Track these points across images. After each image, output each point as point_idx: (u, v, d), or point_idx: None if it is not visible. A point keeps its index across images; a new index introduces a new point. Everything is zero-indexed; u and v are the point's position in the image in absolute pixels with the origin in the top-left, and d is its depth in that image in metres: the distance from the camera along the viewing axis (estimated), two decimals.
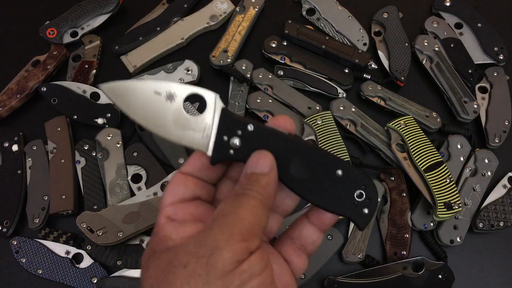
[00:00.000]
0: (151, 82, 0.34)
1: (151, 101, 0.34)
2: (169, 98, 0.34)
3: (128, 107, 0.34)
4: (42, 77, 0.76)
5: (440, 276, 0.62)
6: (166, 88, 0.34)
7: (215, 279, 0.27)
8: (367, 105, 0.74)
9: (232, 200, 0.31)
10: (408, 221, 0.65)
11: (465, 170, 0.68)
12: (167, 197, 0.34)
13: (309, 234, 0.36)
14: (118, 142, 0.70)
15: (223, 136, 0.34)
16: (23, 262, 0.64)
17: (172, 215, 0.33)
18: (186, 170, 0.35)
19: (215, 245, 0.28)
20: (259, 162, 0.33)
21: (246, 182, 0.32)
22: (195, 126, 0.34)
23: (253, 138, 0.34)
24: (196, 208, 0.34)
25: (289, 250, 0.36)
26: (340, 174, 0.34)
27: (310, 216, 0.36)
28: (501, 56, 0.76)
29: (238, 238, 0.28)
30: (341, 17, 0.80)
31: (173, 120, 0.34)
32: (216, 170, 0.36)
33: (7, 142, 0.72)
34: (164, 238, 0.32)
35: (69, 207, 0.67)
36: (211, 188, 0.37)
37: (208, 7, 0.81)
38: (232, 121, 0.34)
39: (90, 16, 0.80)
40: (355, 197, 0.34)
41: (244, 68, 0.75)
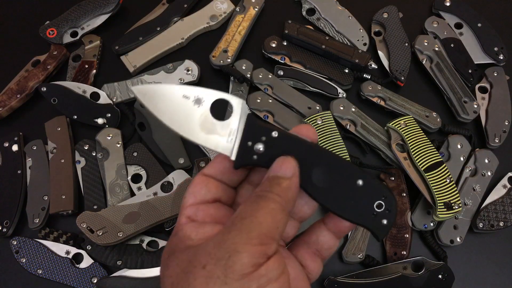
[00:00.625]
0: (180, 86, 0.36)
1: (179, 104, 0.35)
2: (197, 102, 0.35)
3: (156, 109, 0.35)
4: (42, 77, 0.76)
5: (440, 276, 0.62)
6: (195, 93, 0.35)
7: (233, 282, 0.28)
8: (367, 105, 0.74)
9: (252, 202, 0.32)
10: (408, 221, 0.65)
11: (465, 170, 0.68)
12: (189, 198, 0.35)
13: (325, 240, 0.37)
14: (118, 142, 0.70)
15: (248, 142, 0.35)
16: (23, 262, 0.64)
17: (193, 215, 0.34)
18: (208, 172, 0.36)
19: (233, 248, 0.28)
20: (282, 166, 0.34)
21: (267, 184, 0.33)
22: (220, 130, 0.35)
23: (276, 145, 0.35)
24: (216, 210, 0.35)
25: (305, 254, 0.37)
26: (360, 184, 0.35)
27: (328, 223, 0.37)
28: (501, 56, 0.76)
29: (256, 242, 0.29)
30: (341, 17, 0.80)
31: (199, 124, 0.35)
32: (238, 174, 0.37)
33: (7, 142, 0.72)
34: (183, 238, 0.32)
35: (69, 207, 0.67)
36: (232, 191, 0.37)
37: (208, 7, 0.81)
38: (257, 127, 0.35)
39: (90, 16, 0.80)
40: (374, 207, 0.35)
41: (244, 68, 0.75)
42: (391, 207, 0.35)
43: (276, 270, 0.29)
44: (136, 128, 0.72)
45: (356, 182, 0.35)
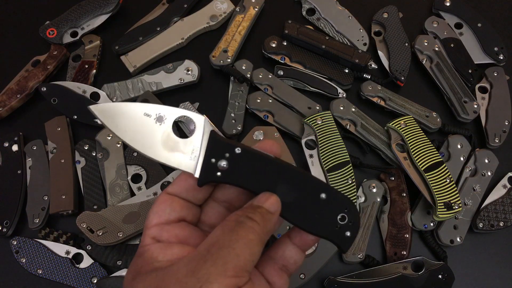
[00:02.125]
0: (141, 105, 0.35)
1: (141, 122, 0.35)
2: (158, 120, 0.35)
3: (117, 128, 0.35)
4: (42, 77, 0.76)
5: (440, 276, 0.62)
6: (156, 111, 0.35)
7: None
8: (367, 105, 0.74)
9: (230, 230, 0.31)
10: (408, 221, 0.65)
11: (465, 170, 0.68)
12: (153, 218, 0.34)
13: (291, 255, 0.36)
14: (118, 142, 0.70)
15: (211, 159, 0.35)
16: (23, 262, 0.64)
17: (158, 236, 0.34)
18: (172, 191, 0.36)
19: (206, 278, 0.28)
20: (268, 200, 0.34)
21: (250, 210, 0.33)
22: (183, 148, 0.35)
23: (240, 161, 0.35)
24: (181, 230, 0.34)
25: (271, 271, 0.36)
26: (324, 197, 0.35)
27: (293, 237, 0.37)
28: (501, 56, 0.76)
29: (230, 274, 0.29)
30: (341, 17, 0.80)
31: (161, 142, 0.35)
32: (203, 191, 0.36)
33: (7, 142, 0.72)
34: (149, 259, 0.32)
35: (69, 207, 0.67)
36: (197, 209, 0.37)
37: (208, 7, 0.81)
38: (220, 143, 0.35)
39: (90, 16, 0.80)
40: (338, 220, 0.35)
41: (244, 68, 0.75)
42: (354, 219, 0.35)
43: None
44: None
45: (319, 196, 0.35)
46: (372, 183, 0.67)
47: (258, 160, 0.35)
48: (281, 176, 0.35)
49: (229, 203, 0.37)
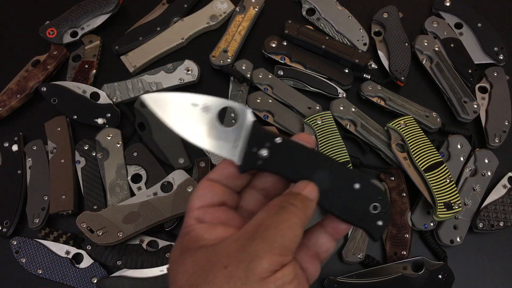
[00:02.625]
0: (189, 95, 0.38)
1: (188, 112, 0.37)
2: (205, 110, 0.37)
3: (167, 117, 0.37)
4: (42, 77, 0.76)
5: (440, 276, 0.62)
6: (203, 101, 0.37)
7: (252, 283, 0.30)
8: (367, 105, 0.74)
9: (275, 213, 0.34)
10: (408, 221, 0.65)
11: (465, 170, 0.68)
12: (196, 201, 0.37)
13: (323, 243, 0.39)
14: (118, 142, 0.70)
15: (253, 147, 0.37)
16: (23, 262, 0.64)
17: (201, 217, 0.36)
18: (213, 177, 0.38)
19: (255, 254, 0.31)
20: (307, 187, 0.36)
21: (291, 197, 0.35)
22: (227, 136, 0.37)
23: (280, 150, 0.37)
24: (223, 213, 0.37)
25: (304, 257, 0.38)
26: (357, 187, 0.37)
27: (326, 225, 0.39)
28: (501, 56, 0.76)
29: (277, 252, 0.31)
30: (341, 17, 0.80)
31: (207, 130, 0.37)
32: (242, 179, 0.39)
33: (7, 142, 0.72)
34: (196, 238, 0.34)
35: (69, 207, 0.67)
36: (236, 196, 0.39)
37: (208, 7, 0.81)
38: (261, 133, 0.37)
39: (90, 16, 0.80)
40: (370, 209, 0.37)
41: (244, 68, 0.75)
42: (385, 209, 0.37)
43: (290, 275, 0.32)
44: (136, 128, 0.72)
45: (353, 186, 0.37)
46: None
47: (297, 150, 0.37)
48: (318, 166, 0.37)
49: (267, 191, 0.39)
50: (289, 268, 0.32)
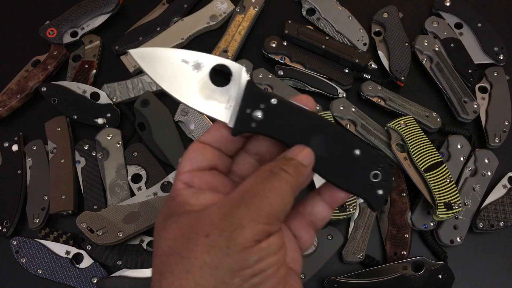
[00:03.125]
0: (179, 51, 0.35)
1: (179, 68, 0.35)
2: (196, 67, 0.35)
3: (155, 73, 0.35)
4: (42, 77, 0.75)
5: (440, 276, 0.61)
6: (194, 57, 0.35)
7: (234, 253, 0.28)
8: (367, 105, 0.74)
9: (264, 179, 0.32)
10: (408, 221, 0.65)
11: (465, 170, 0.68)
12: (185, 164, 0.35)
13: (320, 211, 0.37)
14: (118, 142, 0.70)
15: (246, 109, 0.34)
16: (23, 262, 0.64)
17: (190, 181, 0.34)
18: (205, 139, 0.36)
19: (239, 223, 0.29)
20: (302, 152, 0.34)
21: (283, 162, 0.33)
22: (219, 96, 0.35)
23: (275, 112, 0.34)
24: (212, 177, 0.35)
25: (298, 225, 0.37)
26: (357, 154, 0.34)
27: (323, 193, 0.37)
28: (501, 56, 0.76)
29: (262, 221, 0.30)
30: (341, 17, 0.80)
31: (198, 89, 0.35)
32: (235, 142, 0.37)
33: (7, 142, 0.72)
34: (182, 202, 0.33)
35: (69, 207, 0.67)
36: (228, 159, 0.37)
37: (208, 7, 0.81)
38: (256, 94, 0.35)
39: (90, 16, 0.80)
40: (370, 177, 0.35)
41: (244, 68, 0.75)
42: (387, 178, 0.35)
43: (276, 245, 0.30)
44: (136, 128, 0.72)
45: (353, 152, 0.35)
46: None
47: (294, 113, 0.35)
48: (315, 130, 0.34)
49: (260, 156, 0.37)
50: (275, 238, 0.30)
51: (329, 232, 0.65)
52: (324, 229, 0.65)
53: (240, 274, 0.28)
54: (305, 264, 0.63)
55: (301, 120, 0.34)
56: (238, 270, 0.28)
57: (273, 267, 0.30)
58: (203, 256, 0.29)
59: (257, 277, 0.29)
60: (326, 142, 0.34)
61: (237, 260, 0.28)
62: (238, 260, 0.28)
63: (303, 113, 0.35)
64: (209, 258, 0.28)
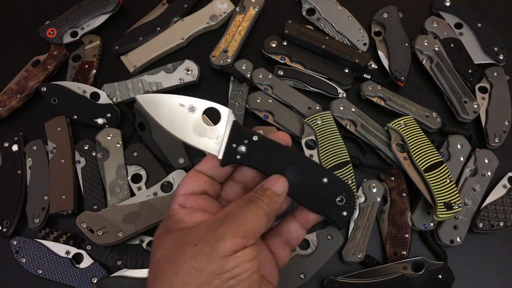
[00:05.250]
0: (177, 97, 0.43)
1: (176, 111, 0.42)
2: (191, 110, 0.42)
3: (158, 115, 0.42)
4: (42, 77, 0.76)
5: (440, 276, 0.62)
6: (189, 102, 0.43)
7: (216, 259, 0.35)
8: (367, 105, 0.74)
9: (244, 204, 0.39)
10: (408, 221, 0.65)
11: (465, 170, 0.68)
12: (181, 189, 0.42)
13: (294, 231, 0.44)
14: (118, 142, 0.70)
15: (233, 144, 0.42)
16: (23, 262, 0.64)
17: (183, 203, 0.41)
18: (199, 168, 0.43)
19: (221, 236, 0.36)
20: (276, 183, 0.41)
21: (260, 192, 0.40)
22: (210, 134, 0.42)
23: (257, 147, 0.41)
24: (203, 200, 0.42)
25: (275, 244, 0.44)
26: (325, 181, 0.42)
27: (297, 215, 0.44)
28: (501, 56, 0.76)
29: (240, 235, 0.36)
30: (341, 17, 0.80)
31: (193, 128, 0.42)
32: (224, 171, 0.44)
33: (7, 142, 0.72)
34: (177, 220, 0.40)
35: (69, 207, 0.67)
36: (218, 186, 0.45)
37: (208, 7, 0.81)
38: (241, 131, 0.42)
39: (90, 16, 0.80)
40: (336, 201, 0.42)
41: (244, 68, 0.75)
42: (350, 201, 0.42)
43: (249, 255, 0.37)
44: (136, 128, 0.72)
45: (322, 180, 0.42)
46: (372, 183, 0.67)
47: (272, 147, 0.42)
48: (290, 162, 0.41)
49: (245, 184, 0.45)
50: (249, 249, 0.37)
51: (329, 232, 0.65)
52: (324, 229, 0.65)
53: (220, 277, 0.35)
54: (305, 264, 0.63)
55: (278, 153, 0.41)
56: (218, 274, 0.35)
57: (247, 272, 0.36)
58: (191, 261, 0.35)
59: (233, 279, 0.35)
60: (299, 172, 0.41)
61: (218, 265, 0.35)
62: (219, 265, 0.35)
63: (279, 148, 0.42)
64: (195, 263, 0.35)
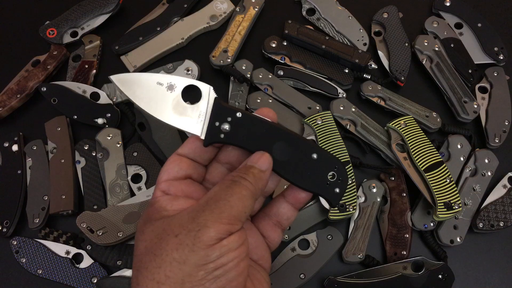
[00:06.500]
0: (154, 74, 0.40)
1: (154, 90, 0.39)
2: (169, 88, 0.40)
3: (134, 95, 0.39)
4: (42, 77, 0.76)
5: (440, 276, 0.62)
6: (167, 80, 0.40)
7: (199, 249, 0.32)
8: (367, 105, 0.74)
9: (226, 186, 0.36)
10: (408, 221, 0.65)
11: (465, 170, 0.68)
12: (163, 175, 0.40)
13: (285, 211, 0.42)
14: (118, 142, 0.70)
15: (215, 122, 0.39)
16: (23, 262, 0.64)
17: (166, 190, 0.39)
18: (181, 151, 0.41)
19: (204, 223, 0.33)
20: (260, 159, 0.38)
21: (243, 170, 0.37)
22: (191, 113, 0.39)
23: (241, 124, 0.39)
24: (186, 186, 0.40)
25: (266, 226, 0.42)
26: (315, 157, 0.39)
27: (287, 195, 0.42)
28: (501, 56, 0.76)
29: (224, 221, 0.34)
30: (341, 17, 0.80)
31: (172, 107, 0.39)
32: (208, 152, 0.41)
33: (7, 142, 0.72)
34: (159, 208, 0.37)
35: (69, 207, 0.67)
36: (202, 169, 0.42)
37: (208, 7, 0.81)
38: (223, 109, 0.39)
39: (90, 16, 0.80)
40: (328, 177, 0.40)
41: (244, 68, 0.75)
42: (342, 177, 0.40)
43: (236, 242, 0.34)
44: (136, 128, 0.72)
45: (311, 156, 0.39)
46: (372, 183, 0.67)
47: (257, 124, 0.39)
48: (276, 138, 0.39)
49: (231, 165, 0.42)
50: (235, 236, 0.34)
51: (329, 232, 0.65)
52: (324, 229, 0.65)
53: (204, 268, 0.32)
54: (305, 264, 0.63)
55: (264, 130, 0.39)
56: (203, 265, 0.32)
57: (233, 261, 0.33)
58: (173, 253, 0.33)
59: (219, 270, 0.33)
60: (286, 148, 0.39)
61: (202, 256, 0.32)
62: (202, 256, 0.32)
63: (265, 124, 0.39)
64: (177, 255, 0.33)
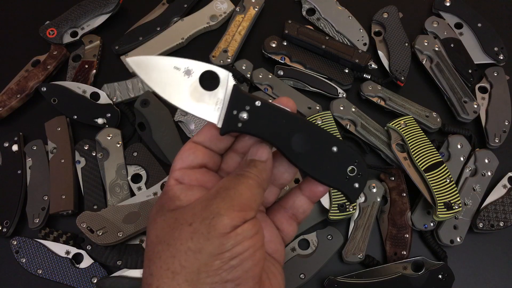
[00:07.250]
0: (171, 58, 0.38)
1: (171, 75, 0.38)
2: (186, 73, 0.38)
3: (150, 79, 0.38)
4: (42, 77, 0.76)
5: (440, 276, 0.62)
6: (185, 64, 0.38)
7: (214, 238, 0.32)
8: (367, 105, 0.74)
9: (233, 177, 0.36)
10: (408, 221, 0.65)
11: (465, 170, 0.68)
12: (177, 163, 0.38)
13: (301, 204, 0.41)
14: (118, 142, 0.70)
15: (233, 110, 0.37)
16: (23, 262, 0.64)
17: (180, 178, 0.38)
18: (197, 139, 0.39)
19: (217, 211, 0.33)
20: (258, 151, 0.38)
21: (245, 166, 0.37)
22: (208, 99, 0.38)
23: (259, 113, 0.37)
24: (201, 175, 0.39)
25: (281, 219, 0.41)
26: (335, 151, 0.38)
27: (303, 188, 0.41)
28: (501, 56, 0.76)
29: (236, 208, 0.33)
30: (341, 17, 0.80)
31: (189, 93, 0.38)
32: (224, 141, 0.40)
33: (7, 142, 0.72)
34: (173, 197, 0.36)
35: (69, 207, 0.67)
36: (218, 158, 0.41)
37: (208, 7, 0.81)
38: (242, 97, 0.38)
39: (90, 16, 0.80)
40: (347, 172, 0.38)
41: (244, 68, 0.75)
42: (362, 172, 0.38)
43: (250, 231, 0.33)
44: (136, 128, 0.72)
45: (331, 149, 0.38)
46: (372, 183, 0.67)
47: (276, 113, 0.38)
48: (296, 128, 0.37)
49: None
50: (249, 224, 0.33)
51: (329, 232, 0.65)
52: (324, 229, 0.65)
53: (220, 257, 0.32)
54: (305, 264, 0.63)
55: (283, 120, 0.37)
56: (218, 254, 0.32)
57: (249, 250, 0.33)
58: (187, 242, 0.32)
59: (235, 259, 0.32)
60: (306, 140, 0.38)
61: (217, 245, 0.32)
62: (218, 244, 0.32)
63: (284, 114, 0.38)
64: (192, 244, 0.32)
